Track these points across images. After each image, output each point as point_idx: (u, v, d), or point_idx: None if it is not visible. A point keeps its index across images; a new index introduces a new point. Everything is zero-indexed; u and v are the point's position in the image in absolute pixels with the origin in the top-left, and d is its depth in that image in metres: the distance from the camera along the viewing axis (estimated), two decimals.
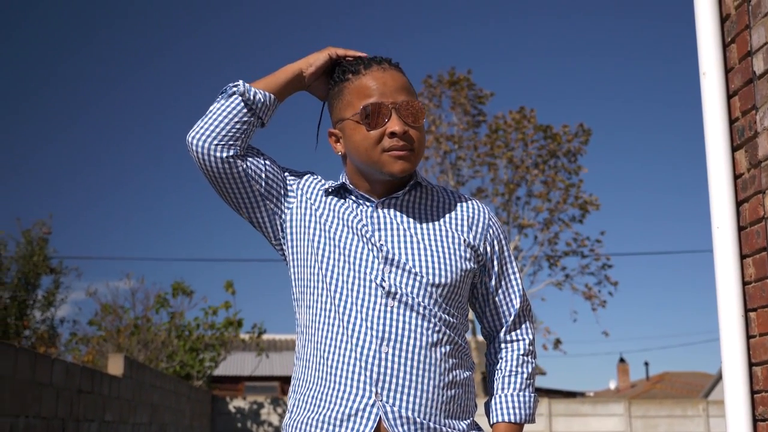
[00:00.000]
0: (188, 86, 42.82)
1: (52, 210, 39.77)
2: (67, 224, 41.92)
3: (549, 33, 42.65)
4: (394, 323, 1.90)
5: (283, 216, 2.09)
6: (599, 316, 45.88)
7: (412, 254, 1.98)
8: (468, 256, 2.03)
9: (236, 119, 2.02)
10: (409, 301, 1.92)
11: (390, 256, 1.96)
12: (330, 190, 2.10)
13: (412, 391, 1.88)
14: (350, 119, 2.00)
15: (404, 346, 1.89)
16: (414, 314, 1.92)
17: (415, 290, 1.94)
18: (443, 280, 1.96)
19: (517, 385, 2.06)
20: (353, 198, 2.08)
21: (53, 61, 40.73)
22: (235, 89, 2.04)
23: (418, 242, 2.00)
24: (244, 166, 2.03)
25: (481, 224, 2.10)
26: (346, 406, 1.88)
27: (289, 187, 2.11)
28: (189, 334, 17.07)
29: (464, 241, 2.04)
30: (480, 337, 26.95)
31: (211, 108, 2.06)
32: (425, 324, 1.92)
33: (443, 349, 1.93)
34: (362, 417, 1.87)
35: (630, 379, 46.86)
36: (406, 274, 1.95)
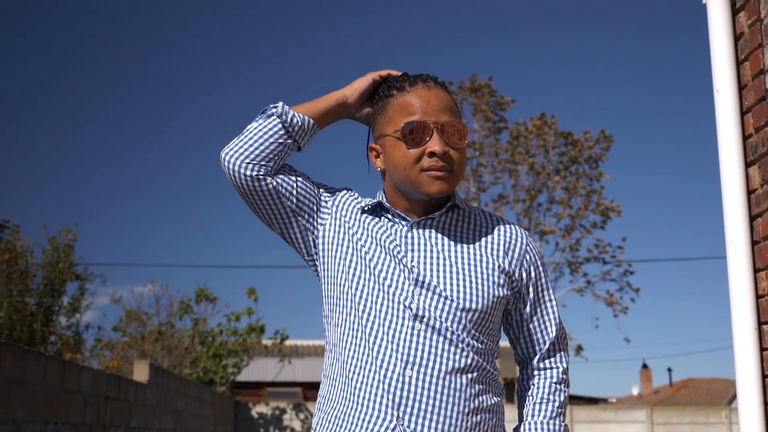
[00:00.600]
0: (211, 93, 43.15)
1: (78, 217, 40.20)
2: (92, 231, 42.27)
3: (570, 40, 42.63)
4: (419, 347, 1.87)
5: (315, 232, 2.09)
6: (621, 323, 45.74)
7: (444, 277, 1.94)
8: (501, 282, 1.99)
9: (272, 140, 2.03)
10: (437, 325, 1.89)
11: (421, 278, 1.94)
12: (366, 208, 2.08)
13: (435, 416, 1.84)
14: (391, 136, 1.99)
15: (429, 371, 1.86)
16: (441, 338, 1.89)
17: (444, 314, 1.91)
18: (474, 306, 1.93)
19: (548, 413, 2.02)
20: (389, 217, 2.07)
21: (75, 67, 41.17)
22: (273, 110, 2.05)
23: (451, 265, 1.97)
24: (275, 183, 2.04)
25: (518, 250, 2.06)
26: (367, 429, 1.86)
27: (323, 204, 2.10)
28: (212, 341, 17.23)
29: (499, 266, 2.01)
30: (503, 343, 26.94)
31: (248, 127, 2.08)
32: (452, 349, 1.89)
33: (470, 375, 1.90)
34: None
35: (653, 385, 46.64)
36: (436, 297, 1.92)
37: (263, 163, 2.03)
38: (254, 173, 2.02)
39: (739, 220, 3.39)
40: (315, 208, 2.09)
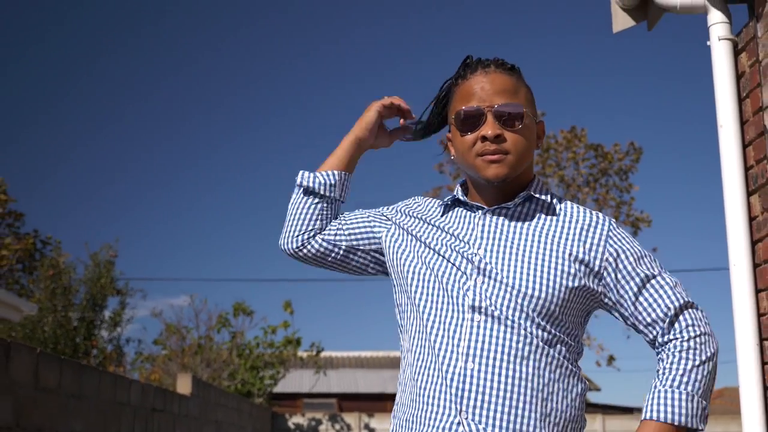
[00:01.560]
0: (244, 110, 43.77)
1: (118, 234, 41.05)
2: (132, 247, 43.14)
3: (599, 52, 42.76)
4: (479, 338, 1.84)
5: (381, 251, 2.15)
6: None
7: (508, 265, 1.90)
8: (573, 271, 1.91)
9: (306, 211, 2.17)
10: (497, 314, 1.86)
11: (482, 265, 1.91)
12: (445, 205, 2.10)
13: (500, 407, 1.79)
14: (453, 124, 2.01)
15: (490, 361, 1.82)
16: (502, 327, 1.85)
17: (505, 302, 1.86)
18: (536, 292, 1.87)
19: (671, 381, 1.86)
20: (465, 208, 2.06)
21: (122, 90, 41.99)
22: (297, 182, 2.19)
23: (517, 253, 1.92)
24: (321, 239, 2.17)
25: (597, 237, 1.95)
26: (433, 426, 1.83)
27: (378, 222, 2.15)
28: (249, 353, 17.64)
29: (570, 255, 1.93)
30: None
31: (288, 208, 2.22)
32: (513, 337, 1.84)
33: (536, 364, 1.84)
34: None
35: None
36: (496, 284, 1.88)
37: (309, 234, 2.16)
38: (309, 248, 2.16)
39: (741, 245, 3.69)
40: (371, 231, 2.15)
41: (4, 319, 10.94)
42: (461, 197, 2.05)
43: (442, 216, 2.07)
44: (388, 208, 2.19)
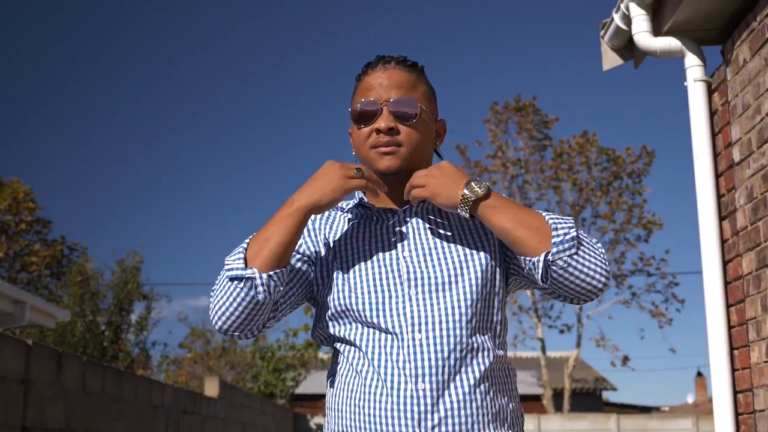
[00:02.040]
0: (265, 112, 44.36)
1: (142, 239, 41.85)
2: (157, 253, 43.98)
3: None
4: (425, 356, 1.77)
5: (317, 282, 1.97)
6: (666, 333, 45.85)
7: (434, 269, 1.86)
8: (488, 251, 1.91)
9: (255, 313, 1.85)
10: (435, 329, 1.80)
11: (411, 275, 1.86)
12: (349, 212, 2.01)
13: (456, 420, 1.75)
14: (351, 118, 1.97)
15: (439, 378, 1.76)
16: (443, 341, 1.79)
17: (443, 310, 1.82)
18: (466, 288, 1.84)
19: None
20: (371, 213, 1.98)
21: (142, 94, 42.68)
22: (240, 276, 1.82)
23: (438, 254, 1.89)
24: (274, 320, 1.92)
25: None
26: None
27: (306, 267, 1.95)
28: (272, 356, 18.18)
29: (479, 236, 1.93)
30: (550, 354, 27.49)
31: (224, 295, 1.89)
32: (457, 348, 1.79)
33: (480, 368, 1.81)
34: None
35: (708, 393, 46.63)
36: (428, 294, 1.83)
37: (260, 326, 1.90)
38: (252, 335, 1.93)
39: (714, 265, 4.16)
40: (303, 280, 1.94)
41: (39, 325, 11.47)
42: (365, 201, 1.98)
43: (356, 224, 1.97)
44: (312, 231, 1.99)
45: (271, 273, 1.79)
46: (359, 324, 1.86)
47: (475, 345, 1.82)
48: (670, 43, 4.37)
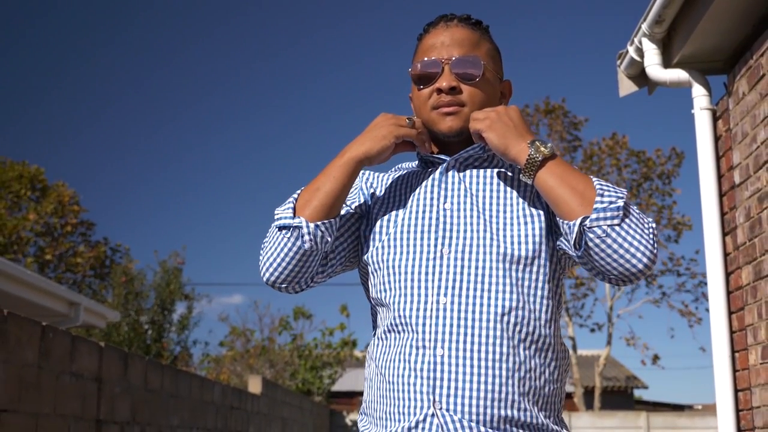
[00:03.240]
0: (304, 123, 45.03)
1: (183, 240, 42.86)
2: (199, 253, 44.96)
3: None
4: (447, 322, 1.68)
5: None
6: (696, 333, 45.84)
7: (474, 227, 1.75)
8: (535, 223, 1.76)
9: (304, 262, 1.82)
10: (464, 293, 1.70)
11: (448, 229, 1.76)
12: (410, 169, 1.95)
13: (474, 394, 1.64)
14: (411, 79, 1.88)
15: (460, 346, 1.66)
16: (470, 308, 1.69)
17: (474, 276, 1.71)
18: (514, 252, 1.73)
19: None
20: (430, 164, 1.90)
21: (186, 98, 43.54)
22: (290, 225, 1.79)
23: (484, 210, 1.77)
24: (325, 275, 1.88)
25: None
26: (407, 421, 1.68)
27: (356, 220, 1.92)
28: (309, 354, 18.76)
29: (534, 200, 1.80)
30: (581, 352, 27.83)
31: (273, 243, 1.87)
32: (483, 317, 1.68)
33: (510, 342, 1.68)
34: (422, 429, 1.67)
35: None
36: (464, 252, 1.73)
37: (309, 278, 1.87)
38: (301, 288, 1.89)
39: (718, 276, 4.62)
40: (353, 232, 1.91)
41: (92, 325, 12.12)
42: (423, 154, 1.90)
43: (415, 180, 1.90)
44: (364, 188, 1.97)
45: (319, 223, 1.75)
46: (388, 282, 1.77)
47: (508, 315, 1.68)
48: (679, 75, 4.82)
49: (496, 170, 1.85)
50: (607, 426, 19.44)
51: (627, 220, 1.62)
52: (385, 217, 1.86)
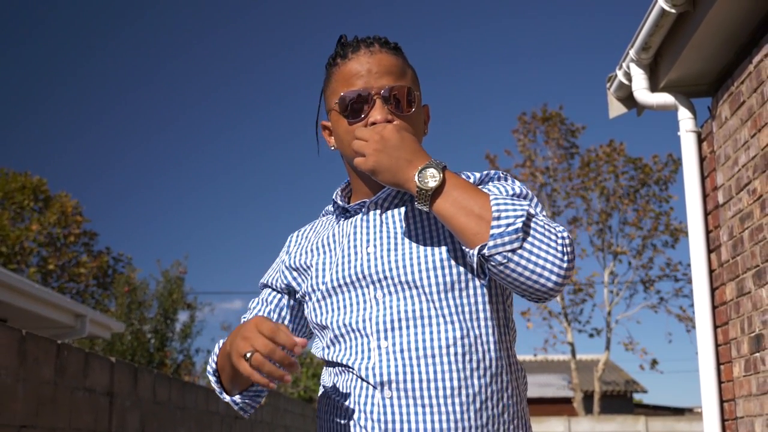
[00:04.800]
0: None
1: (186, 248, 43.20)
2: (201, 262, 45.24)
3: None
4: (392, 364, 1.61)
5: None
6: (693, 337, 46.14)
7: (398, 265, 1.66)
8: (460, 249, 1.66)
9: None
10: (404, 331, 1.62)
11: (375, 273, 1.67)
12: (329, 218, 1.87)
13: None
14: (334, 109, 1.74)
15: (408, 385, 1.59)
16: (409, 345, 1.61)
17: (410, 312, 1.63)
18: (449, 278, 1.64)
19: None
20: (349, 213, 1.80)
21: (190, 105, 43.79)
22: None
23: (410, 245, 1.68)
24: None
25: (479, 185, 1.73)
26: None
27: (294, 288, 1.84)
28: (311, 362, 18.96)
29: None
30: (580, 357, 28.04)
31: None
32: (429, 353, 1.60)
33: (460, 375, 1.60)
34: None
35: None
36: (393, 294, 1.65)
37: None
38: None
39: (704, 291, 4.83)
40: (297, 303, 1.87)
41: (97, 336, 12.33)
42: (339, 202, 1.80)
43: (331, 232, 1.81)
44: (284, 253, 1.90)
45: (240, 399, 1.77)
46: (331, 339, 1.71)
47: (454, 347, 1.60)
48: (665, 98, 5.04)
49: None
50: (606, 430, 19.63)
51: (529, 240, 1.49)
52: (314, 275, 1.77)
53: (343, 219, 1.80)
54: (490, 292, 1.67)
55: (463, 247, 1.55)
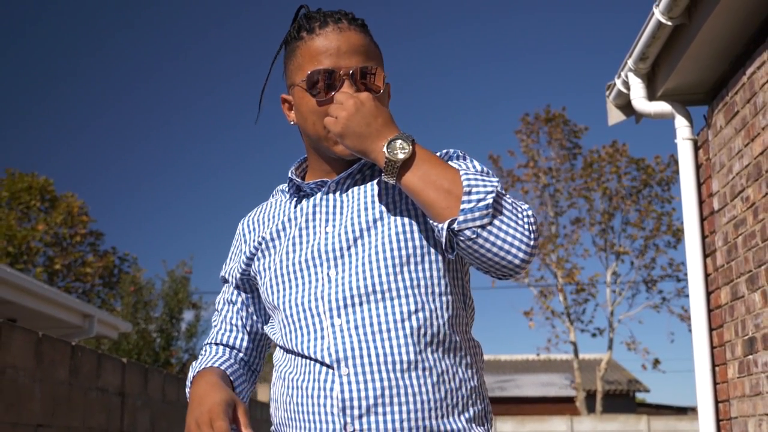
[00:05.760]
0: None
1: (192, 248, 43.50)
2: (206, 260, 45.50)
3: None
4: (347, 341, 1.58)
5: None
6: None
7: (362, 238, 1.64)
8: (419, 226, 1.66)
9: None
10: (357, 309, 1.60)
11: (332, 252, 1.65)
12: (284, 198, 1.82)
13: (388, 409, 1.55)
14: (299, 86, 1.70)
15: (365, 360, 1.57)
16: (364, 323, 1.59)
17: (363, 289, 1.61)
18: (404, 252, 1.62)
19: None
20: (305, 192, 1.77)
21: (193, 108, 43.94)
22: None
23: (366, 221, 1.65)
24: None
25: None
26: None
27: (247, 267, 1.81)
28: None
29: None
30: (583, 356, 28.17)
31: None
32: (384, 328, 1.58)
33: (415, 349, 1.58)
34: None
35: None
36: (351, 270, 1.62)
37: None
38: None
39: (700, 295, 4.96)
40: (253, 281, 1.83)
41: (104, 336, 12.48)
42: (297, 180, 1.77)
43: (286, 210, 1.78)
44: (241, 241, 1.85)
45: None
46: (284, 319, 1.68)
47: (408, 320, 1.59)
48: (663, 107, 5.18)
49: (375, 179, 1.71)
50: (608, 430, 19.76)
51: (499, 217, 1.51)
52: (269, 257, 1.74)
53: (300, 198, 1.77)
54: (446, 266, 1.66)
55: (429, 221, 1.56)
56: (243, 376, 1.79)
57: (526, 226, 1.52)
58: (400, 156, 1.54)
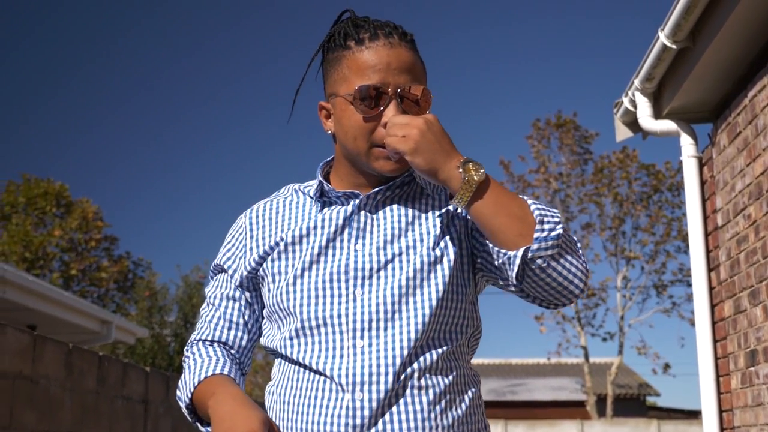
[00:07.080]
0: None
1: (205, 253, 43.82)
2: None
3: None
4: (366, 364, 1.56)
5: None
6: None
7: (392, 262, 1.63)
8: (457, 255, 1.66)
9: None
10: (381, 333, 1.58)
11: (359, 272, 1.63)
12: (302, 193, 1.77)
13: None
14: (343, 97, 1.64)
15: (381, 387, 1.55)
16: (386, 347, 1.57)
17: (391, 314, 1.59)
18: (431, 300, 1.61)
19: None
20: (331, 201, 1.72)
21: (201, 112, 44.23)
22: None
23: (399, 246, 1.64)
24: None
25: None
26: None
27: (250, 266, 1.74)
28: None
29: (453, 234, 1.68)
30: (593, 360, 28.29)
31: None
32: (398, 355, 1.56)
33: (429, 375, 1.59)
34: None
35: None
36: (378, 295, 1.60)
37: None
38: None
39: (704, 308, 5.13)
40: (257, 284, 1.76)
41: (122, 342, 12.71)
42: (327, 187, 1.71)
43: (307, 213, 1.73)
44: (246, 236, 1.78)
45: None
46: (297, 329, 1.63)
47: (429, 354, 1.59)
48: (668, 125, 5.35)
49: (409, 200, 1.70)
50: None
51: (565, 248, 1.54)
52: (285, 257, 1.68)
53: (322, 204, 1.72)
54: (467, 297, 1.67)
55: (495, 249, 1.55)
56: (241, 380, 1.75)
57: (582, 256, 1.57)
58: (476, 178, 1.53)
